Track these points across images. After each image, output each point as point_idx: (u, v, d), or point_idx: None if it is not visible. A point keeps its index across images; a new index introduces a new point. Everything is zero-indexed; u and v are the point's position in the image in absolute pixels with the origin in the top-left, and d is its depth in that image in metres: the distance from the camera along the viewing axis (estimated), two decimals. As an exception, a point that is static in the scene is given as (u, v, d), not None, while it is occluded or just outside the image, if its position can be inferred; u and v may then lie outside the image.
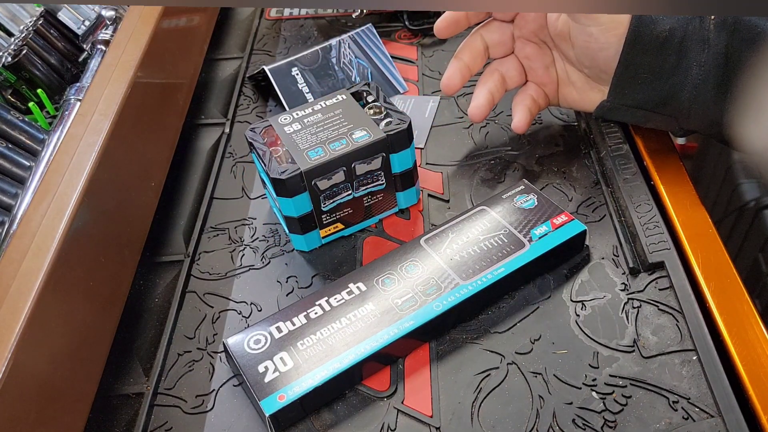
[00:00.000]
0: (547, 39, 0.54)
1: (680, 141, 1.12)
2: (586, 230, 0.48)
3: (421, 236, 0.48)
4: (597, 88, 0.53)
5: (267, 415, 0.39)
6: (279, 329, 0.43)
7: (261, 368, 0.41)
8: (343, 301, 0.45)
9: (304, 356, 0.42)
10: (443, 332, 0.45)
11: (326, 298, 0.45)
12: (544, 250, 0.46)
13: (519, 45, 0.56)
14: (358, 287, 0.45)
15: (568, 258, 0.48)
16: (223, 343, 0.44)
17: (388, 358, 0.43)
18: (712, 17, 0.47)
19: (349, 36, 0.67)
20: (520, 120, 0.56)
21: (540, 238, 0.47)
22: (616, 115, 0.53)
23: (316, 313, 0.44)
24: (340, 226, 0.52)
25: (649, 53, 0.48)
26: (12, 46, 0.59)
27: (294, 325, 0.44)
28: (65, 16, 0.63)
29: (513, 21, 0.55)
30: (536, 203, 0.49)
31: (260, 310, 0.48)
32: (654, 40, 0.48)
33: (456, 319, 0.45)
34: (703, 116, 0.49)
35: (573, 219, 0.48)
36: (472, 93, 0.57)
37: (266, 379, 0.41)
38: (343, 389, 0.43)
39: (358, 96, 0.53)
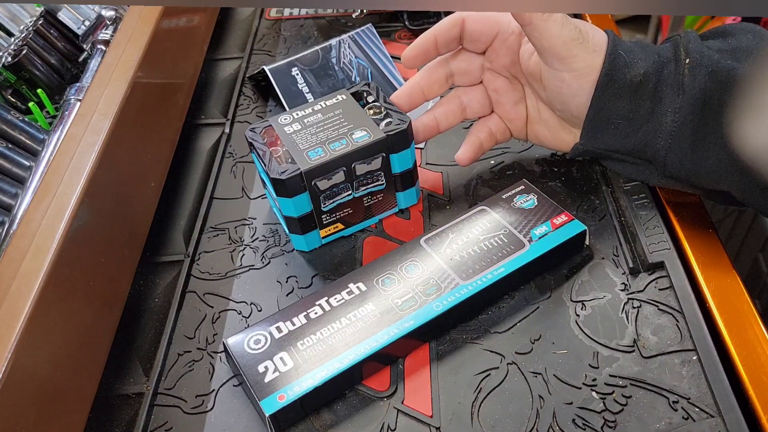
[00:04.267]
0: (519, 75, 0.52)
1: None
2: (586, 230, 0.48)
3: (421, 236, 0.48)
4: (569, 129, 0.51)
5: (267, 415, 0.39)
6: (279, 329, 0.43)
7: (261, 368, 0.41)
8: (343, 301, 0.45)
9: (304, 356, 0.42)
10: (443, 332, 0.45)
11: (326, 298, 0.45)
12: (544, 250, 0.46)
13: (489, 77, 0.53)
14: (358, 287, 0.45)
15: (568, 258, 0.48)
16: (223, 343, 0.44)
17: (388, 358, 0.43)
18: (687, 61, 0.45)
19: (349, 36, 0.67)
20: (465, 152, 0.54)
21: (540, 238, 0.47)
22: (591, 156, 0.51)
23: (316, 313, 0.44)
24: (340, 226, 0.52)
25: (622, 98, 0.46)
26: (12, 46, 0.59)
27: (294, 325, 0.44)
28: (65, 16, 0.63)
29: (484, 53, 0.52)
30: (536, 203, 0.49)
31: (260, 310, 0.48)
32: (627, 84, 0.46)
33: (456, 319, 0.45)
34: (680, 165, 0.46)
35: (573, 219, 0.48)
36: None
37: (266, 379, 0.41)
38: (343, 389, 0.43)
39: (358, 96, 0.53)
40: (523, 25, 0.46)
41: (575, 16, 0.74)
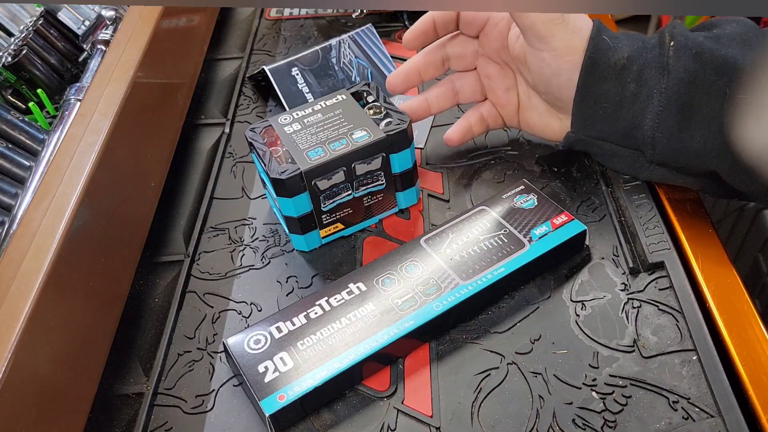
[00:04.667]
0: (510, 60, 0.53)
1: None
2: (586, 230, 0.48)
3: (421, 236, 0.48)
4: (556, 115, 0.52)
5: (267, 415, 0.39)
6: (279, 329, 0.43)
7: (261, 368, 0.41)
8: (343, 301, 0.45)
9: (304, 356, 0.42)
10: (443, 332, 0.45)
11: (326, 298, 0.45)
12: (544, 250, 0.46)
13: (482, 63, 0.55)
14: (358, 287, 0.45)
15: (568, 258, 0.48)
16: (223, 343, 0.44)
17: (388, 358, 0.43)
18: (672, 44, 0.46)
19: (349, 36, 0.67)
20: (454, 131, 0.56)
21: (540, 238, 0.47)
22: (583, 147, 0.52)
23: (316, 313, 0.44)
24: (340, 226, 0.52)
25: (608, 81, 0.47)
26: (12, 46, 0.59)
27: (294, 325, 0.44)
28: (65, 16, 0.63)
29: (477, 37, 0.54)
30: (536, 203, 0.49)
31: (260, 310, 0.48)
32: (611, 67, 0.47)
33: (456, 319, 0.45)
34: (668, 145, 0.46)
35: (573, 219, 0.48)
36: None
37: (266, 379, 0.41)
38: (343, 389, 0.43)
39: (358, 96, 0.53)
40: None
41: (575, 16, 0.74)
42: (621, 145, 0.49)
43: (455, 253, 0.47)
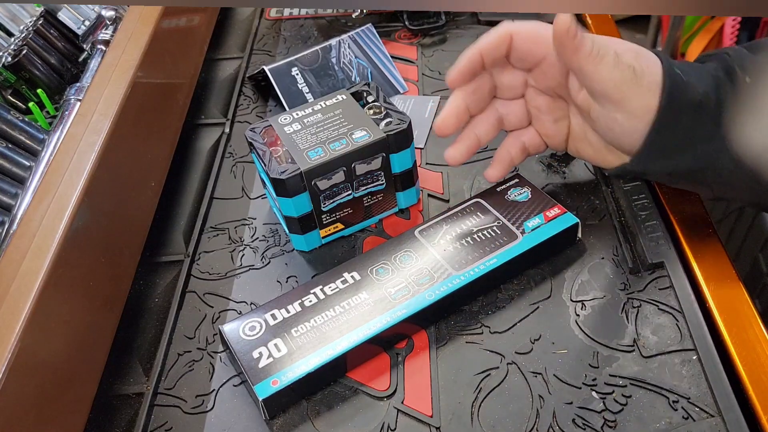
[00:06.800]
0: (566, 96, 0.49)
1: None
2: (578, 223, 0.48)
3: (416, 227, 0.49)
4: (616, 152, 0.48)
5: (260, 399, 0.40)
6: (274, 316, 0.44)
7: (255, 354, 0.42)
8: (338, 289, 0.45)
9: (298, 343, 0.42)
10: (435, 322, 0.45)
11: (321, 287, 0.45)
12: (537, 242, 0.47)
13: (531, 94, 0.50)
14: (352, 276, 0.46)
15: (560, 251, 0.49)
16: (219, 330, 0.44)
17: (381, 347, 0.44)
18: (747, 79, 0.42)
19: (349, 36, 0.67)
20: (496, 171, 0.51)
21: (533, 230, 0.47)
22: (633, 175, 0.49)
23: (310, 301, 0.45)
24: (340, 226, 0.52)
25: (685, 115, 0.43)
26: (12, 46, 0.59)
27: (288, 312, 0.44)
28: (65, 16, 0.63)
29: (530, 70, 0.49)
30: (530, 196, 0.50)
31: (260, 310, 0.48)
32: (688, 103, 0.43)
33: (448, 309, 0.45)
34: (751, 184, 0.43)
35: (566, 212, 0.48)
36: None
37: (260, 365, 0.41)
38: (336, 376, 0.43)
39: (358, 96, 0.53)
40: (571, 70, 0.45)
41: (577, 16, 0.74)
42: (684, 179, 0.46)
43: (449, 244, 0.47)
